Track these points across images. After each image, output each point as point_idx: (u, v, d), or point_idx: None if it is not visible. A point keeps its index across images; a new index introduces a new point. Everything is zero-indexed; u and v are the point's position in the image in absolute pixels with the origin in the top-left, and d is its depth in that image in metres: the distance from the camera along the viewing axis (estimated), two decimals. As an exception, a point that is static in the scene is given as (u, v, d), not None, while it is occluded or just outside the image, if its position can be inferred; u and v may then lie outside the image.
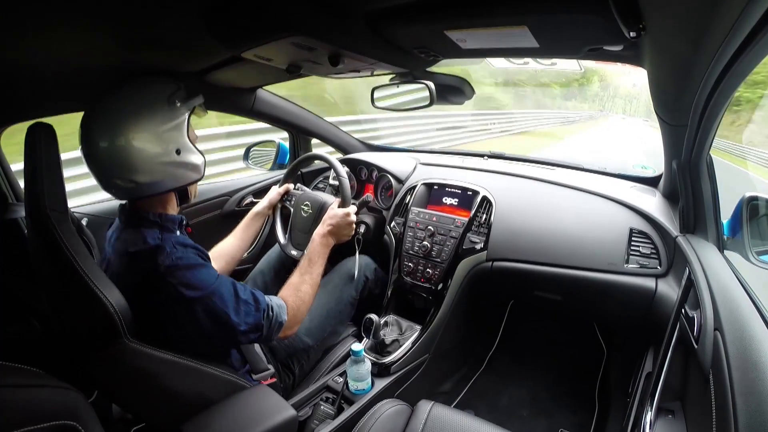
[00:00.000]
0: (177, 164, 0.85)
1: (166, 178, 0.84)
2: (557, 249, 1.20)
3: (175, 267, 0.79)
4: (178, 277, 0.79)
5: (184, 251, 0.82)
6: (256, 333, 0.89)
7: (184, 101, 0.86)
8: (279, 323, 0.93)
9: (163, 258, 0.79)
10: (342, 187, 1.25)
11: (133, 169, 0.80)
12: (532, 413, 1.46)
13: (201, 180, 0.93)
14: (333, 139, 1.84)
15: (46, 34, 0.68)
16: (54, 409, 0.62)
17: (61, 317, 0.83)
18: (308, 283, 1.04)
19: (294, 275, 1.05)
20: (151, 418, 0.88)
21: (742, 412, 0.51)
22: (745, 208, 0.89)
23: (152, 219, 0.85)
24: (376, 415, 0.93)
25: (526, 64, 1.15)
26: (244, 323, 0.86)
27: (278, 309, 0.93)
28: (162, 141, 0.82)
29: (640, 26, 0.60)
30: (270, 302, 0.93)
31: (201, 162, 0.90)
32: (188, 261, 0.82)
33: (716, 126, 0.79)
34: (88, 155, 0.80)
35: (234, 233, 1.29)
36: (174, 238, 0.84)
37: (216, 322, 0.83)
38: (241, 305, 0.86)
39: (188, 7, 0.70)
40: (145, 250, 0.80)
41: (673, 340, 0.83)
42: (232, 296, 0.86)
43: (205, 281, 0.82)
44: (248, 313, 0.87)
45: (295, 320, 0.99)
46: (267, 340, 0.93)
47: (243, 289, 0.89)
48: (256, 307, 0.89)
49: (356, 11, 0.76)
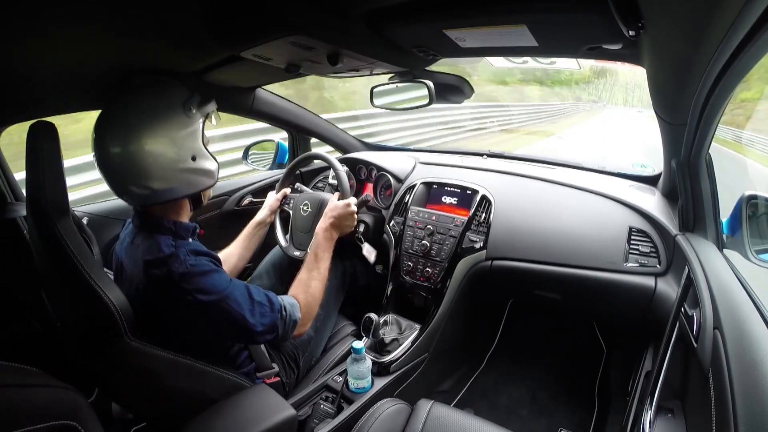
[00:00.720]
0: (192, 171, 0.85)
1: (181, 185, 0.84)
2: (556, 248, 1.20)
3: (189, 274, 0.80)
4: (193, 283, 0.80)
5: (197, 259, 0.83)
6: (273, 333, 0.90)
7: (199, 108, 0.86)
8: (294, 321, 0.93)
9: (177, 265, 0.80)
10: (340, 181, 1.25)
11: (149, 176, 0.80)
12: (532, 412, 1.46)
13: (213, 185, 0.93)
14: (332, 138, 1.84)
15: (46, 33, 0.67)
16: (54, 409, 0.62)
17: (63, 315, 0.83)
18: (317, 278, 1.05)
19: (302, 272, 1.06)
20: (152, 417, 0.89)
21: (741, 411, 0.51)
22: (744, 206, 0.89)
23: (167, 226, 0.85)
24: (375, 414, 0.93)
25: (525, 62, 1.15)
26: (261, 324, 0.87)
27: (291, 308, 0.94)
28: (178, 147, 0.82)
29: (639, 25, 0.60)
30: (282, 302, 0.93)
31: (215, 168, 0.91)
32: (202, 267, 0.83)
33: (716, 125, 0.79)
34: (101, 161, 0.80)
35: (236, 243, 1.29)
36: (187, 246, 0.84)
37: (232, 324, 0.84)
38: (255, 307, 0.87)
39: (187, 6, 0.69)
40: (159, 258, 0.80)
41: (672, 339, 0.83)
42: (246, 298, 0.87)
43: (219, 285, 0.83)
44: (263, 314, 0.88)
45: (309, 317, 1.00)
46: (283, 339, 0.93)
47: (257, 291, 0.90)
48: (271, 307, 0.90)
49: (355, 10, 0.76)
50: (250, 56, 0.88)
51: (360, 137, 1.97)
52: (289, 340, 0.97)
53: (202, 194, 0.94)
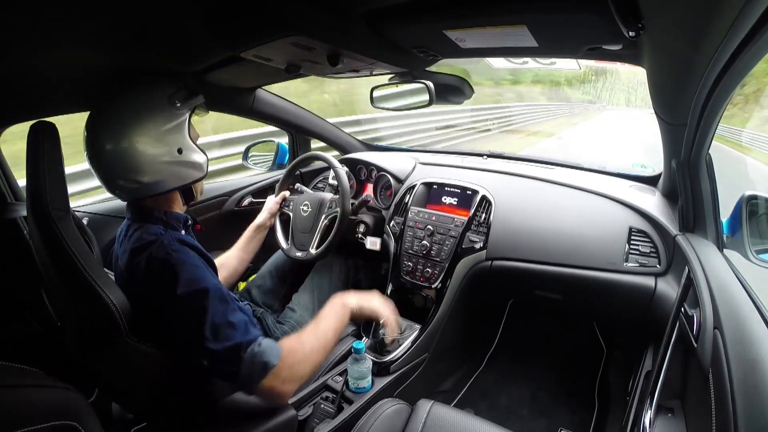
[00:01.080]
0: (179, 163, 0.86)
1: (169, 177, 0.85)
2: (557, 248, 1.20)
3: (168, 261, 0.76)
4: (169, 270, 0.75)
5: (181, 248, 0.79)
6: (230, 364, 0.73)
7: (185, 101, 0.87)
8: (263, 363, 0.73)
9: (156, 249, 0.78)
10: (340, 182, 1.26)
11: (137, 170, 0.81)
12: (532, 412, 1.46)
13: (204, 178, 0.93)
14: (332, 138, 1.84)
15: (45, 34, 0.68)
16: (54, 409, 0.62)
17: (63, 315, 0.83)
18: (318, 340, 0.85)
19: (307, 327, 0.89)
20: (152, 417, 0.89)
21: (741, 411, 0.51)
22: (744, 206, 0.89)
23: (157, 216, 0.86)
24: (375, 414, 0.93)
25: (525, 63, 1.16)
26: (220, 344, 0.72)
27: (267, 349, 0.75)
28: (164, 141, 0.83)
29: (639, 25, 0.60)
30: (259, 338, 0.77)
31: (203, 160, 0.91)
32: (182, 257, 0.77)
33: (716, 125, 0.79)
34: (92, 158, 0.81)
35: (237, 246, 1.29)
36: (175, 235, 0.83)
37: (187, 328, 0.74)
38: (224, 325, 0.74)
39: (188, 6, 0.70)
40: (142, 245, 0.80)
41: (672, 339, 0.83)
42: (219, 310, 0.75)
43: (195, 281, 0.75)
44: (228, 337, 0.73)
45: (291, 373, 0.77)
46: (245, 381, 0.74)
47: (236, 313, 0.77)
48: (242, 332, 0.75)
49: (355, 11, 0.76)
50: (251, 57, 0.88)
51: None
52: (256, 392, 0.75)
53: (194, 188, 0.94)
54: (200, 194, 0.98)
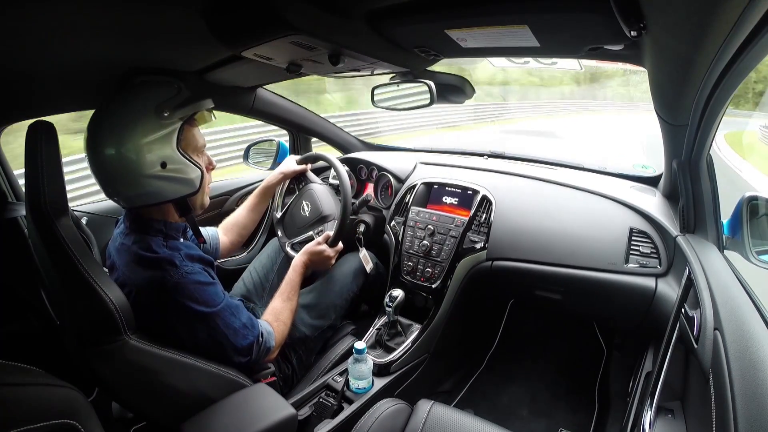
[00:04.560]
0: (161, 178, 0.80)
1: (149, 192, 0.81)
2: (557, 248, 1.20)
3: (184, 283, 0.82)
4: (187, 291, 0.82)
5: (193, 266, 0.84)
6: (247, 356, 0.92)
7: (175, 110, 0.80)
8: (267, 349, 0.97)
9: (173, 272, 0.81)
10: (341, 181, 1.25)
11: (117, 180, 0.80)
12: (532, 412, 1.46)
13: (198, 193, 0.88)
14: (333, 137, 1.84)
15: (45, 33, 0.68)
16: (54, 408, 0.62)
17: (63, 314, 0.83)
18: (288, 308, 1.08)
19: (275, 300, 1.08)
20: (151, 415, 0.88)
21: (741, 412, 0.51)
22: (745, 207, 0.89)
23: (156, 227, 0.85)
24: (375, 414, 0.93)
25: (526, 63, 1.15)
26: (240, 345, 0.90)
27: (267, 335, 0.97)
28: (144, 153, 0.78)
29: (641, 25, 0.60)
30: (261, 328, 0.96)
31: (195, 175, 0.85)
32: (197, 277, 0.84)
33: (717, 125, 0.79)
34: (88, 160, 0.81)
35: (245, 205, 1.31)
36: (182, 250, 0.85)
37: (214, 340, 0.87)
38: (239, 328, 0.90)
39: (188, 5, 0.69)
40: (152, 260, 0.81)
41: (672, 340, 0.83)
42: (234, 318, 0.89)
43: (212, 300, 0.86)
44: (245, 336, 0.91)
45: (280, 344, 1.03)
46: (254, 363, 0.96)
47: (242, 312, 0.93)
48: (252, 331, 0.93)
49: (357, 10, 0.76)
50: (252, 56, 0.87)
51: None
52: (254, 365, 0.98)
53: (190, 202, 0.89)
54: (200, 208, 0.93)
